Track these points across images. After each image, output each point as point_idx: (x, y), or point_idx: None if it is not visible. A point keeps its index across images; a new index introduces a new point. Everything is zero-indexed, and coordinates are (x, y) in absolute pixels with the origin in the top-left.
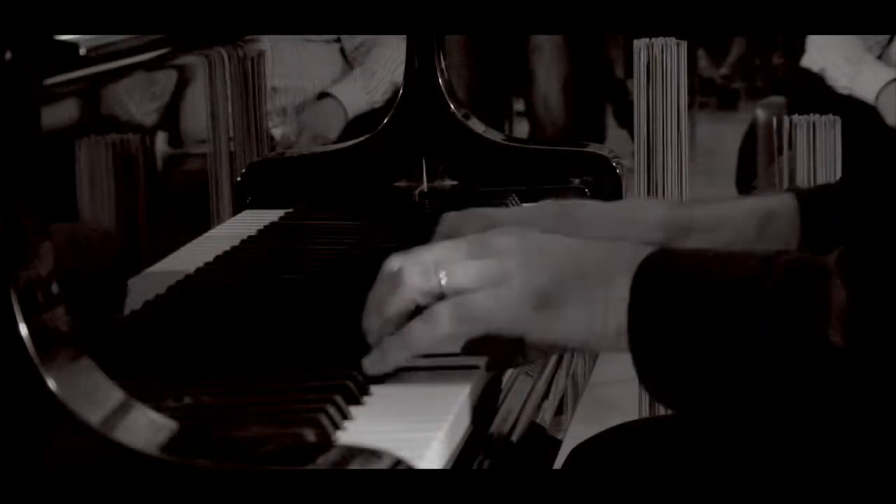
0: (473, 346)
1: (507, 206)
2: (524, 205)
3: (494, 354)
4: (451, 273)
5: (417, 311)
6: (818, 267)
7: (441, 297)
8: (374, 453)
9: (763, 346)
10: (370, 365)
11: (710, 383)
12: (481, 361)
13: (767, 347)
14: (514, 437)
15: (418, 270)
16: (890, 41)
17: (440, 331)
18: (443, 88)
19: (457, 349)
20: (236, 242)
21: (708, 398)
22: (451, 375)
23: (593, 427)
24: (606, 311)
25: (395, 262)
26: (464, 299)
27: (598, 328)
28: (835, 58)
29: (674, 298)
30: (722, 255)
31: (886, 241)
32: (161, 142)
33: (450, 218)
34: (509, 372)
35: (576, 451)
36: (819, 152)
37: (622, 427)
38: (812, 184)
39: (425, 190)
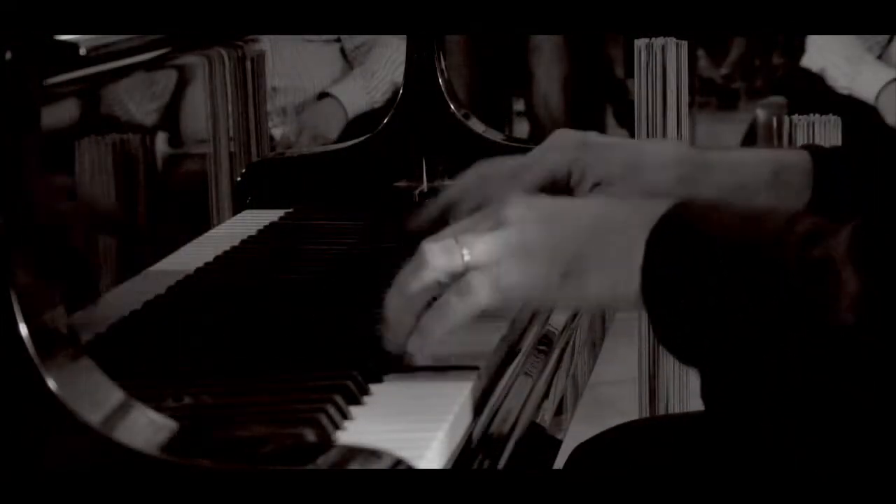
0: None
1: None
2: (543, 143)
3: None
4: (473, 247)
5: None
6: (837, 235)
7: (464, 273)
8: (374, 453)
9: (777, 313)
10: (413, 348)
11: (723, 342)
12: (481, 361)
13: (781, 314)
14: (514, 437)
15: (439, 248)
16: (890, 41)
17: (476, 301)
18: (443, 88)
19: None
20: (236, 242)
21: (720, 356)
22: (451, 375)
23: (593, 427)
24: (629, 272)
25: (421, 246)
26: (495, 270)
27: (621, 289)
28: (835, 58)
29: (688, 259)
30: (739, 213)
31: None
32: (161, 142)
33: (483, 166)
34: (509, 372)
35: (577, 451)
36: None
37: (623, 427)
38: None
39: (425, 190)
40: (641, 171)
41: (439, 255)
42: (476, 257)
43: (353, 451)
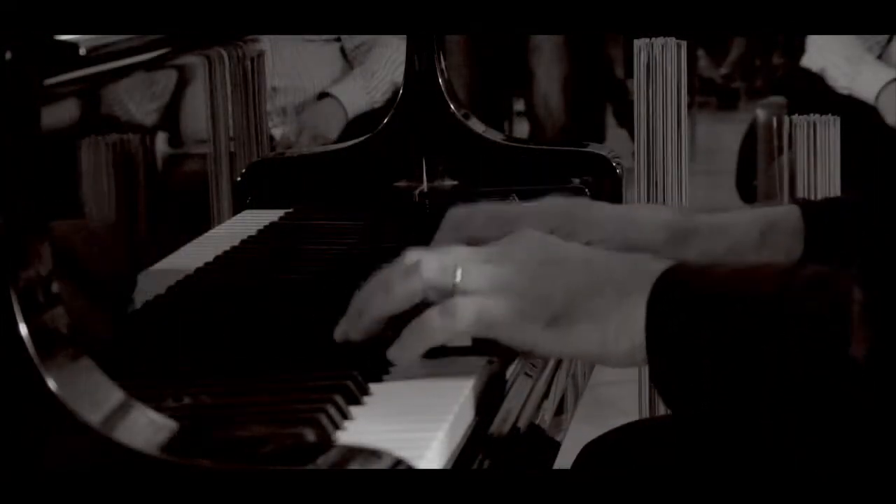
0: (480, 347)
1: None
2: (529, 203)
3: (498, 354)
4: (468, 273)
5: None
6: (839, 282)
7: (450, 295)
8: (374, 453)
9: (784, 364)
10: (393, 357)
11: (730, 400)
12: (482, 361)
13: (789, 365)
14: (514, 437)
15: (436, 265)
16: (890, 41)
17: (458, 325)
18: (443, 88)
19: (465, 343)
20: (236, 242)
21: (728, 413)
22: (451, 375)
23: (593, 427)
24: (620, 329)
25: (414, 255)
26: (483, 301)
27: (610, 346)
28: (835, 58)
29: (692, 317)
30: (739, 269)
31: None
32: (161, 142)
33: (456, 213)
34: (510, 372)
35: (584, 451)
36: (819, 152)
37: (628, 427)
38: (813, 184)
39: (425, 190)
40: (629, 236)
41: (433, 270)
42: (467, 283)
43: (353, 451)
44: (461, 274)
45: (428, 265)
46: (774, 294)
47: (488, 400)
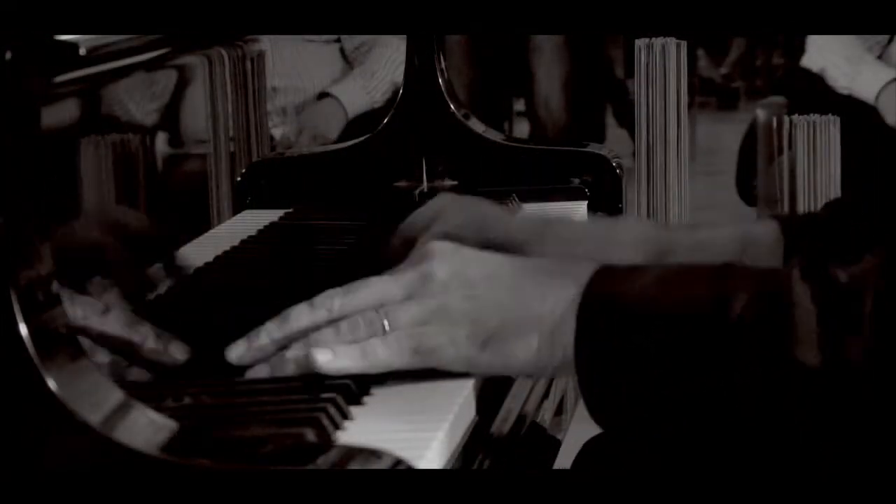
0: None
1: (505, 205)
2: (510, 211)
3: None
4: (395, 319)
5: None
6: (776, 281)
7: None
8: (374, 453)
9: (719, 377)
10: (322, 360)
11: (661, 414)
12: None
13: (723, 378)
14: (514, 438)
15: (363, 320)
16: (890, 41)
17: (398, 360)
18: (443, 88)
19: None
20: (236, 242)
21: (659, 428)
22: (451, 375)
23: (593, 427)
24: (552, 342)
25: (336, 304)
26: (420, 333)
27: (544, 360)
28: (835, 58)
29: (621, 328)
30: (669, 275)
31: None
32: (161, 142)
33: (443, 200)
34: None
35: (584, 449)
36: (819, 152)
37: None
38: (813, 184)
39: (425, 190)
40: (607, 255)
41: (361, 325)
42: (396, 328)
43: (353, 451)
44: (388, 322)
45: (353, 324)
46: (705, 298)
47: (489, 400)
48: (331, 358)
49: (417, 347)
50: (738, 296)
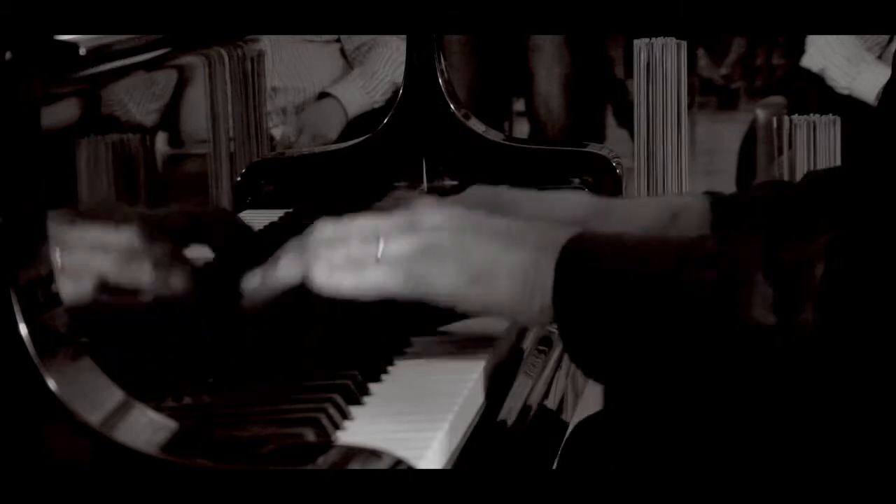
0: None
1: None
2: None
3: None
4: (388, 248)
5: None
6: (736, 253)
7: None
8: (374, 453)
9: (684, 328)
10: (319, 276)
11: (634, 361)
12: (483, 360)
13: (688, 329)
14: (514, 437)
15: (359, 235)
16: (890, 41)
17: (389, 285)
18: (443, 88)
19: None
20: None
21: (633, 374)
22: (450, 375)
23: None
24: (532, 289)
25: (330, 227)
26: (412, 262)
27: (524, 304)
28: (835, 58)
29: (595, 282)
30: (644, 240)
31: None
32: (161, 142)
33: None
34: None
35: (575, 431)
36: (819, 152)
37: (619, 406)
38: None
39: (425, 190)
40: (553, 214)
41: (356, 240)
42: (388, 251)
43: (353, 451)
44: (383, 243)
45: (352, 242)
46: (672, 264)
47: (489, 399)
48: (327, 275)
49: (408, 274)
50: (703, 259)
